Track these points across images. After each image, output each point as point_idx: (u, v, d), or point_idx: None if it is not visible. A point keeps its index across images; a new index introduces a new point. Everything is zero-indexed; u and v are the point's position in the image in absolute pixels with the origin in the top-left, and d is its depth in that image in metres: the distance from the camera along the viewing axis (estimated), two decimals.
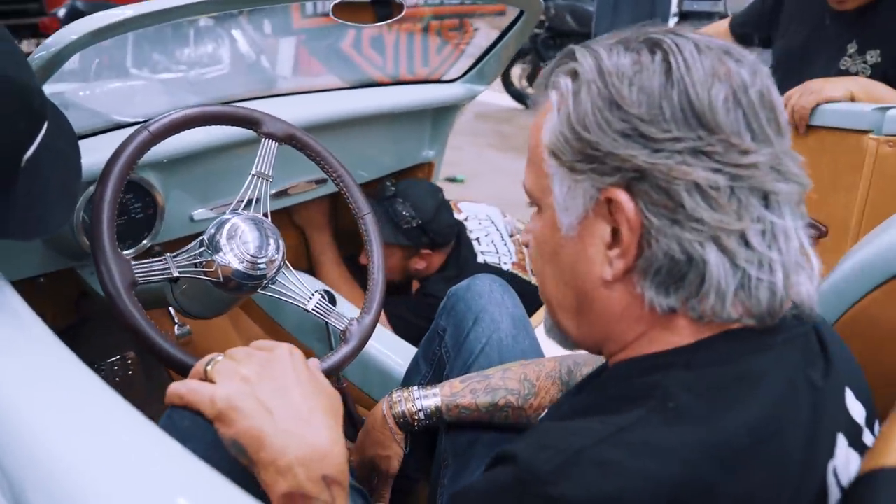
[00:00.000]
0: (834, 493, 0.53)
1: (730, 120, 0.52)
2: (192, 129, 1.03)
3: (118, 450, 0.56)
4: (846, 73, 1.62)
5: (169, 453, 0.55)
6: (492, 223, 1.93)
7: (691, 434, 0.48)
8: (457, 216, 1.93)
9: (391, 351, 1.38)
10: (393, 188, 1.82)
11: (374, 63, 3.35)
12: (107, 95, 1.83)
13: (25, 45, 5.27)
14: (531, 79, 5.70)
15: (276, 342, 0.70)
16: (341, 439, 0.64)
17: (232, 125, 1.02)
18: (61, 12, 4.61)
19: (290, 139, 1.06)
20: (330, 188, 1.70)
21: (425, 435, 1.10)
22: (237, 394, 0.62)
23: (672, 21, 2.96)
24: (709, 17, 3.97)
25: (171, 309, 1.34)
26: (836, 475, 0.53)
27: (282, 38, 3.79)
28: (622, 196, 0.54)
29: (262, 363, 0.66)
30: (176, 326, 1.48)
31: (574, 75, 0.57)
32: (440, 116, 1.86)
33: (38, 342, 0.71)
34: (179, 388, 0.65)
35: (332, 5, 1.11)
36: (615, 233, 0.56)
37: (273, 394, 0.64)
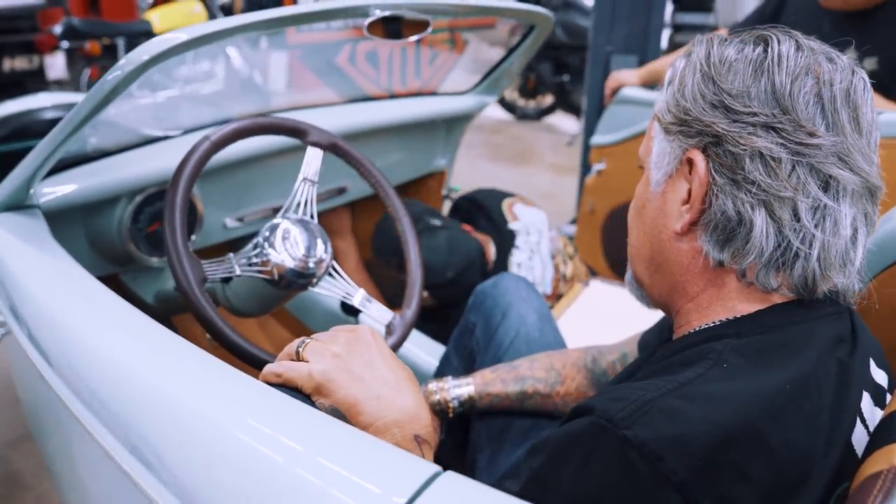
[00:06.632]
0: (863, 440, 0.61)
1: (806, 107, 0.60)
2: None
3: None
4: None
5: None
6: (538, 244, 1.89)
7: (742, 388, 0.57)
8: (511, 225, 1.89)
9: (420, 348, 1.46)
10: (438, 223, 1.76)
11: (369, 76, 3.44)
12: (133, 113, 1.90)
13: (21, 62, 5.30)
14: (522, 90, 5.81)
15: (357, 325, 0.78)
16: (425, 404, 0.72)
17: (281, 135, 1.10)
18: (57, 29, 4.64)
19: (332, 147, 1.14)
20: (346, 198, 1.78)
21: (459, 423, 1.17)
22: (332, 368, 0.70)
23: (666, 32, 3.09)
24: (700, 28, 4.14)
25: None
26: (864, 424, 0.62)
27: (275, 52, 3.87)
28: (698, 156, 0.64)
29: (348, 342, 0.74)
30: None
31: (688, 57, 0.68)
32: (452, 126, 1.95)
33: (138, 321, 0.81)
34: (276, 368, 0.72)
35: (366, 23, 1.19)
36: (689, 193, 0.66)
37: (363, 366, 0.71)
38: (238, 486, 0.56)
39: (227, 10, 5.23)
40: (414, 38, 1.27)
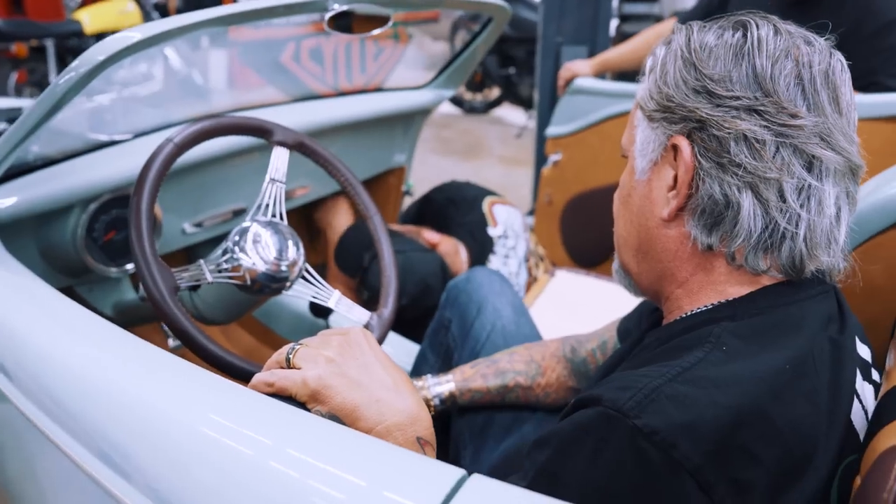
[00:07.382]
0: (859, 415, 0.63)
1: (787, 89, 0.61)
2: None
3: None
4: None
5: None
6: (514, 248, 1.88)
7: (744, 370, 0.57)
8: (491, 231, 1.88)
9: (394, 347, 1.44)
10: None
11: (314, 74, 3.38)
12: (76, 118, 1.81)
13: None
14: (469, 84, 5.81)
15: (348, 327, 0.75)
16: (424, 405, 0.70)
17: (246, 135, 1.06)
18: None
19: (299, 146, 1.11)
20: (308, 197, 1.75)
21: (439, 420, 1.16)
22: (327, 373, 0.67)
23: (613, 23, 3.14)
24: (646, 18, 4.22)
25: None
26: (859, 400, 0.63)
27: (217, 51, 3.75)
28: (683, 142, 0.65)
29: (341, 345, 0.71)
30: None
31: (668, 44, 0.69)
32: (410, 121, 1.93)
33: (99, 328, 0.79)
34: (267, 377, 0.69)
35: (327, 17, 1.16)
36: (675, 179, 0.66)
37: (359, 370, 0.69)
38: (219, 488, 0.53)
39: (162, 9, 5.06)
40: (375, 32, 1.24)
